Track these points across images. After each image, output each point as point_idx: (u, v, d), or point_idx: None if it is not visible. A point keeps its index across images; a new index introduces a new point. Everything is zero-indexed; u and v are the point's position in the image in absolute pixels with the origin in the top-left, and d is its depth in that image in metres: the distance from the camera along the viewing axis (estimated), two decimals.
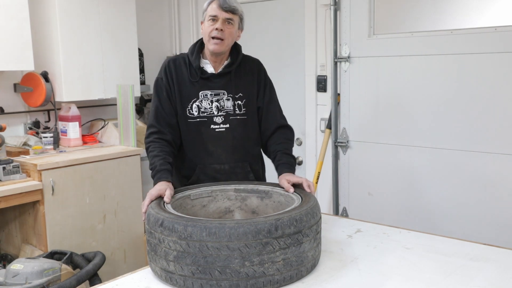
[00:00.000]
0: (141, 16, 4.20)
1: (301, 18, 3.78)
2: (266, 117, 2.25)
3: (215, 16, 2.08)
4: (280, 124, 2.25)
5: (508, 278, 1.66)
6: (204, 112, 2.15)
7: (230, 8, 2.08)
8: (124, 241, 3.52)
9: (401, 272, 1.72)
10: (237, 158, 2.21)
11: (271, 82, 2.32)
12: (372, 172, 3.38)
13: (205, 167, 2.19)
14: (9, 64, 3.24)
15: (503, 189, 2.87)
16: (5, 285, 2.54)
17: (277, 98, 2.32)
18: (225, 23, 2.08)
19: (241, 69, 2.21)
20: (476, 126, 2.92)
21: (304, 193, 1.90)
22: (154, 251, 1.65)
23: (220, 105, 2.16)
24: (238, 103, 2.18)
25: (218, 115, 2.15)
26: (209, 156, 2.18)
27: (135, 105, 3.74)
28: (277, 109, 2.29)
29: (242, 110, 2.19)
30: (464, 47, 2.91)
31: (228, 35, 2.10)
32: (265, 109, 2.25)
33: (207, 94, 2.15)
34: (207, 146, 2.17)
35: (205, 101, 2.15)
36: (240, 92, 2.19)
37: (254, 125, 2.25)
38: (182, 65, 2.18)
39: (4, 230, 3.39)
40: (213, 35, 2.08)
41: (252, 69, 2.25)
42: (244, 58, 2.25)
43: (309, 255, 1.66)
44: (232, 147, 2.19)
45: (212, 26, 2.08)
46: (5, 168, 2.99)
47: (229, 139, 2.18)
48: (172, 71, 2.17)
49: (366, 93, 3.34)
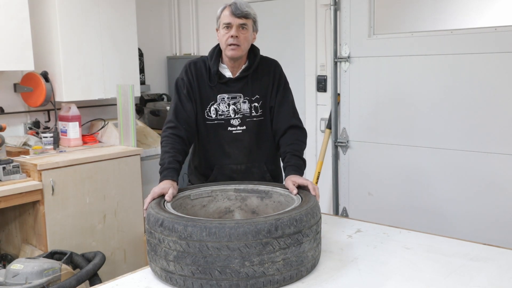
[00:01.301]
0: (141, 16, 4.20)
1: (301, 18, 3.78)
2: (277, 116, 2.27)
3: (229, 23, 2.11)
4: (291, 124, 2.25)
5: (508, 278, 1.66)
6: (221, 114, 2.20)
7: (243, 13, 2.11)
8: (124, 241, 3.52)
9: (401, 272, 1.72)
10: (254, 158, 2.26)
11: (287, 82, 2.33)
12: (372, 172, 3.38)
13: (223, 167, 2.24)
14: (9, 64, 3.23)
15: (503, 189, 2.87)
16: (5, 285, 2.54)
17: (292, 99, 2.31)
18: (239, 29, 2.12)
19: (258, 71, 2.24)
20: (476, 126, 2.92)
21: (305, 193, 1.89)
22: (154, 251, 1.65)
23: (237, 108, 2.20)
24: (254, 105, 2.22)
25: (235, 118, 2.20)
26: (226, 157, 2.24)
27: (135, 105, 3.74)
28: (290, 109, 2.29)
29: (259, 111, 2.23)
30: (464, 47, 2.91)
31: (244, 40, 2.14)
32: (277, 108, 2.27)
33: (225, 97, 2.20)
34: (224, 148, 2.23)
35: (222, 104, 2.20)
36: (256, 94, 2.22)
37: (270, 125, 2.28)
38: (203, 68, 2.22)
39: (4, 230, 3.39)
40: (229, 42, 2.11)
41: (269, 70, 2.27)
42: (262, 60, 2.27)
43: (309, 255, 1.66)
44: (248, 148, 2.24)
45: (228, 34, 2.12)
46: (5, 168, 2.99)
47: (246, 141, 2.23)
48: (193, 72, 2.21)
49: (366, 93, 3.34)
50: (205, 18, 4.57)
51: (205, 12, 4.56)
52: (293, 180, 1.98)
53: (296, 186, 1.94)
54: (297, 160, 2.15)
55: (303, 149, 2.23)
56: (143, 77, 4.36)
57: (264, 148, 2.28)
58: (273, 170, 2.34)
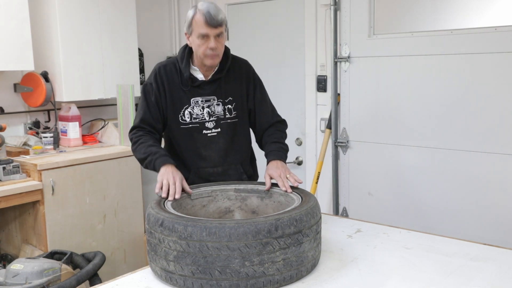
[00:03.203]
0: (141, 16, 4.20)
1: (301, 18, 3.77)
2: (259, 118, 2.30)
3: (206, 34, 2.05)
4: (271, 123, 2.31)
5: (508, 278, 1.67)
6: (196, 118, 2.18)
7: (218, 22, 2.05)
8: (124, 241, 3.52)
9: (401, 272, 1.72)
10: (230, 160, 2.26)
11: (261, 81, 2.35)
12: (372, 172, 3.38)
13: (199, 170, 2.24)
14: (9, 64, 3.23)
15: (503, 189, 2.87)
16: (5, 285, 2.54)
17: (268, 97, 2.36)
18: (216, 38, 2.07)
19: (230, 73, 2.24)
20: (476, 126, 2.92)
21: (305, 193, 1.90)
22: (154, 251, 1.65)
23: (211, 110, 2.19)
24: (228, 107, 2.22)
25: (209, 120, 2.19)
26: (202, 160, 2.23)
27: (135, 105, 3.74)
28: (269, 108, 2.34)
29: (233, 113, 2.23)
30: (464, 47, 2.91)
31: (221, 47, 2.12)
32: (257, 110, 2.30)
33: (198, 100, 2.18)
34: (200, 151, 2.22)
35: (196, 108, 2.18)
36: (229, 96, 2.22)
37: (245, 127, 2.30)
38: (173, 71, 2.19)
39: (4, 230, 3.39)
40: (208, 53, 2.07)
41: (241, 71, 2.27)
42: (233, 60, 2.25)
43: (309, 255, 1.66)
44: (224, 150, 2.23)
45: (205, 45, 2.06)
46: (5, 168, 2.99)
47: (221, 143, 2.22)
48: (163, 77, 2.18)
49: (366, 93, 3.34)
50: None
51: None
52: (270, 173, 2.05)
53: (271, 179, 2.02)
54: (277, 145, 2.20)
55: (283, 137, 2.29)
56: (143, 77, 4.35)
57: (239, 150, 2.29)
58: (249, 170, 2.35)
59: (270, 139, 2.25)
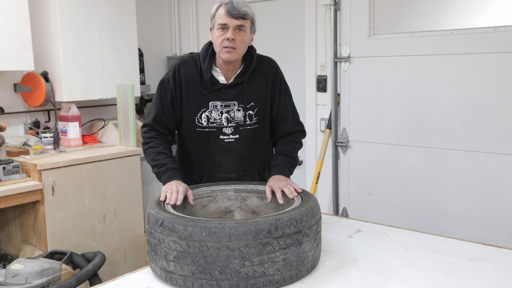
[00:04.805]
0: (141, 16, 4.20)
1: (301, 18, 3.77)
2: (279, 125, 2.17)
3: (225, 24, 1.93)
4: (291, 131, 2.18)
5: (508, 278, 1.66)
6: (213, 122, 2.05)
7: (240, 14, 1.93)
8: (124, 241, 3.52)
9: (401, 272, 1.72)
10: (245, 167, 2.14)
11: (286, 84, 2.20)
12: (372, 172, 3.38)
13: (212, 175, 2.13)
14: (9, 64, 3.23)
15: (503, 189, 2.87)
16: (5, 285, 2.54)
17: (292, 102, 2.20)
18: (236, 31, 1.94)
19: (254, 76, 2.08)
20: (476, 126, 2.92)
21: (305, 193, 1.90)
22: (154, 251, 1.65)
23: (230, 116, 2.05)
24: (249, 113, 2.07)
25: (227, 126, 2.05)
26: (217, 166, 2.12)
27: (135, 105, 3.74)
28: (291, 115, 2.18)
29: (254, 119, 2.08)
30: (464, 47, 2.91)
31: (240, 42, 1.97)
32: (279, 117, 2.16)
33: (217, 105, 2.04)
34: (215, 156, 2.10)
35: (214, 112, 2.04)
36: (252, 101, 2.07)
37: (265, 133, 2.17)
38: (194, 70, 2.05)
39: (4, 230, 3.39)
40: (225, 45, 1.94)
41: (267, 74, 2.11)
42: (258, 60, 2.10)
43: (309, 255, 1.66)
44: (241, 156, 2.12)
45: (223, 36, 1.94)
46: (5, 168, 2.99)
47: (238, 149, 2.10)
48: (182, 75, 2.05)
49: (366, 93, 3.34)
50: (205, 18, 4.57)
51: (205, 12, 4.55)
52: (270, 184, 1.97)
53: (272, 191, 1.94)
54: (285, 158, 2.09)
55: (295, 149, 2.17)
56: (143, 77, 4.36)
57: (257, 157, 2.17)
58: (266, 178, 2.16)
59: (281, 150, 2.13)
